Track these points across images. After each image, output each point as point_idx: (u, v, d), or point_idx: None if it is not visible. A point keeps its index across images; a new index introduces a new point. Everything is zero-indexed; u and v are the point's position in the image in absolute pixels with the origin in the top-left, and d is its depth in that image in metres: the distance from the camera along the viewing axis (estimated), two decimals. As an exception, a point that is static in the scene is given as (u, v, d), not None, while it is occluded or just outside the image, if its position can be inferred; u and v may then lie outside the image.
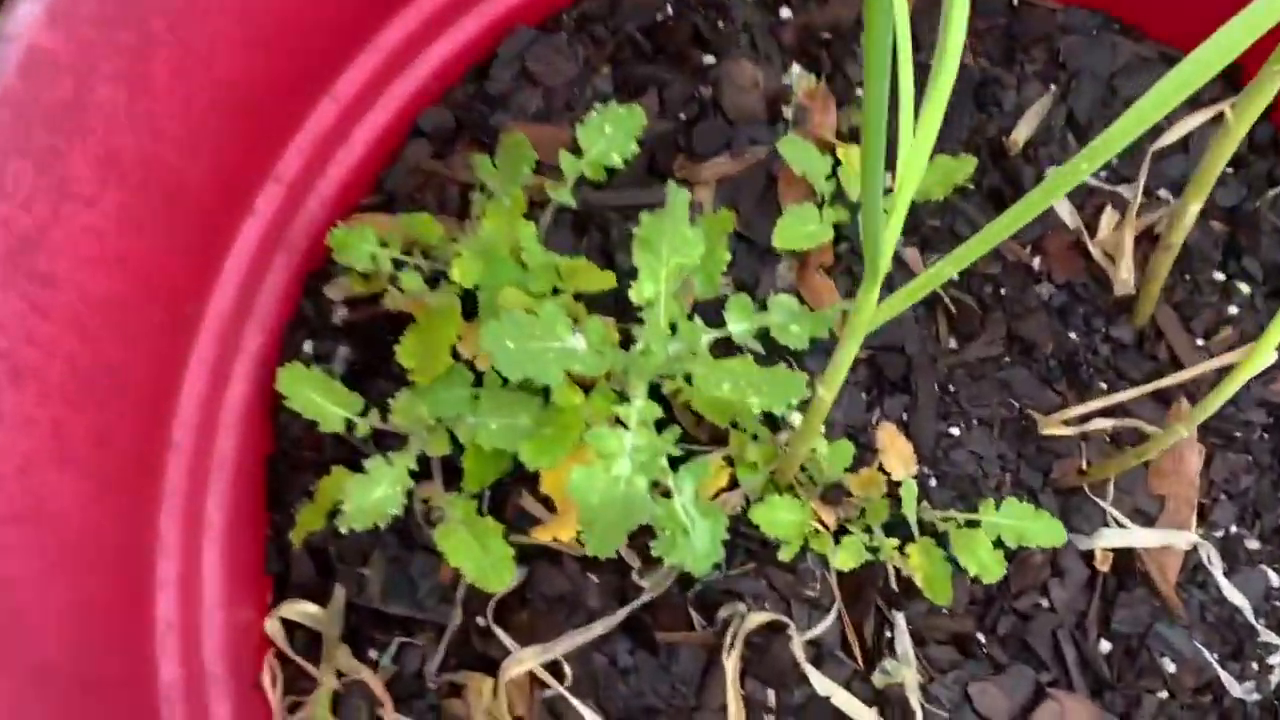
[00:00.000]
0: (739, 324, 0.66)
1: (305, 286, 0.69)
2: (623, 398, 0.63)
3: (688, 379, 0.62)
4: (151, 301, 0.56)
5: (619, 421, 0.61)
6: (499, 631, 0.69)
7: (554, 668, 0.68)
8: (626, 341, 0.65)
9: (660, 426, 0.63)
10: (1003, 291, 0.78)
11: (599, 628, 0.68)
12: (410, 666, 0.70)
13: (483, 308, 0.63)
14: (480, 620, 0.70)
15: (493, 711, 0.65)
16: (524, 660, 0.67)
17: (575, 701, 0.67)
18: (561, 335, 0.60)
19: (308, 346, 0.69)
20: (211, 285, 0.62)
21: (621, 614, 0.68)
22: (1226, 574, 0.72)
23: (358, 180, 0.69)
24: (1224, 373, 0.60)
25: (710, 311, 0.70)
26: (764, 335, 0.66)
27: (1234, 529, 0.74)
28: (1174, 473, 0.73)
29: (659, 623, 0.69)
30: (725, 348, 0.67)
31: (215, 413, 0.63)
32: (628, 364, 0.62)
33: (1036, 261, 0.79)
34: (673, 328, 0.63)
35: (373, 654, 0.71)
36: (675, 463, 0.63)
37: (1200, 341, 0.78)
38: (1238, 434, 0.76)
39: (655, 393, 0.68)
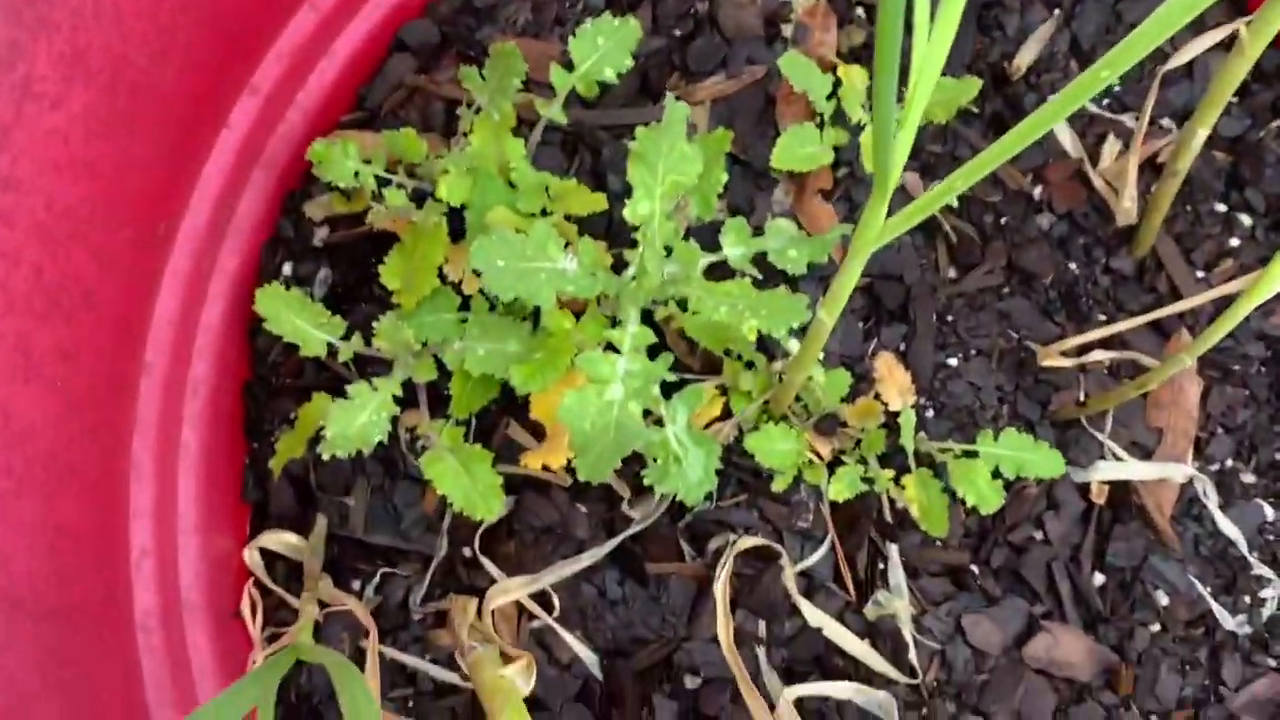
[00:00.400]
0: (736, 248, 0.63)
1: (284, 205, 0.66)
2: (615, 323, 0.61)
3: (681, 305, 0.60)
4: (121, 213, 0.53)
5: (611, 347, 0.59)
6: (485, 562, 0.67)
7: (541, 598, 0.67)
8: (619, 266, 0.63)
9: (653, 354, 0.61)
10: (1003, 220, 0.76)
11: (587, 558, 0.67)
12: (394, 598, 0.68)
13: (471, 227, 0.60)
14: (466, 551, 0.69)
15: (478, 628, 0.63)
16: (510, 590, 0.66)
17: (563, 632, 0.66)
18: (553, 256, 0.58)
19: (287, 268, 0.66)
20: (185, 200, 0.59)
21: (610, 544, 0.66)
22: (1222, 507, 0.72)
23: (338, 95, 0.66)
24: (1223, 305, 0.59)
25: (705, 236, 0.68)
26: (760, 261, 0.64)
27: (1230, 462, 0.73)
28: (1172, 405, 0.72)
29: (649, 554, 0.67)
30: (719, 273, 0.65)
31: (190, 335, 0.61)
32: (620, 288, 0.60)
33: (1038, 190, 0.77)
34: (667, 250, 0.61)
35: (355, 585, 0.69)
36: (668, 391, 0.61)
37: (1200, 273, 0.76)
38: (1236, 367, 0.75)
39: (648, 320, 0.66)
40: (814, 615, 0.66)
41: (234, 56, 0.59)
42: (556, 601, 0.67)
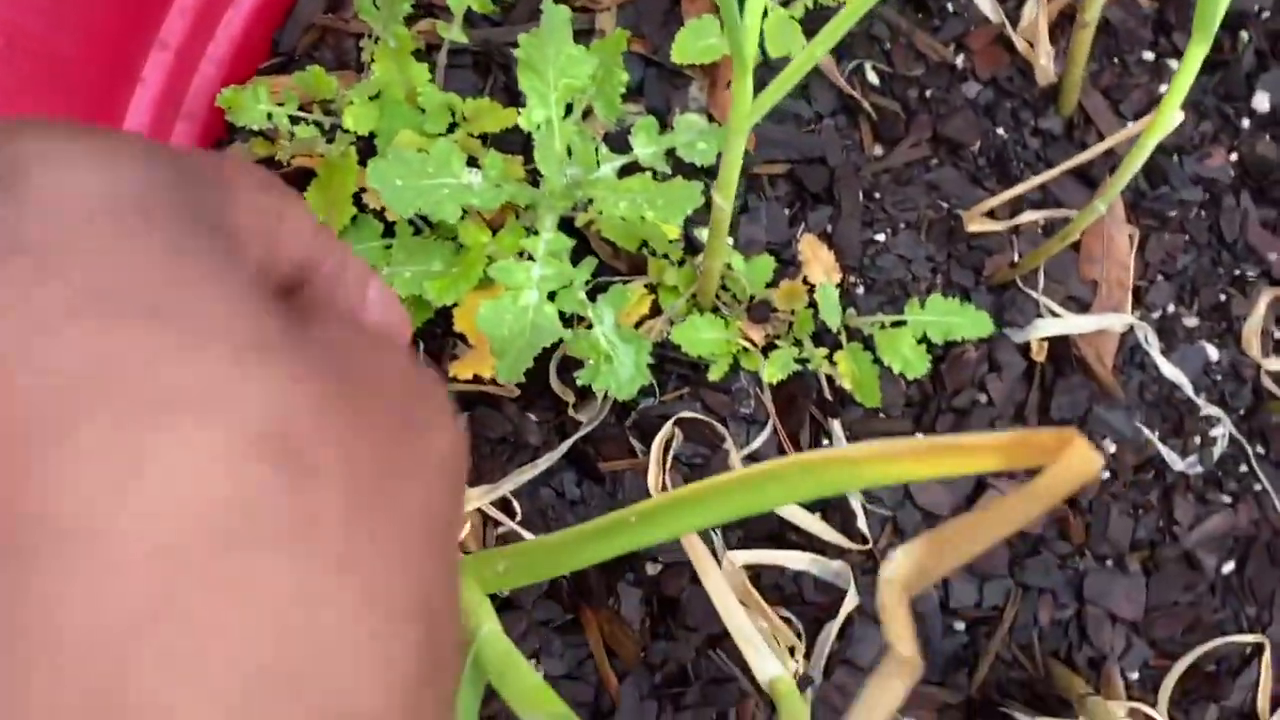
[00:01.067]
0: (646, 147, 0.65)
1: (212, 156, 0.69)
2: (532, 234, 0.63)
3: (589, 205, 0.62)
4: (41, 176, 0.56)
5: (526, 256, 0.61)
6: (446, 477, 0.70)
7: (504, 505, 0.70)
8: (535, 180, 0.65)
9: (577, 259, 0.63)
10: (927, 94, 0.77)
11: (543, 463, 0.69)
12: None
13: (381, 154, 0.62)
14: (430, 469, 0.72)
15: None
16: (472, 499, 0.69)
17: (527, 535, 0.69)
18: (456, 172, 0.60)
19: (223, 216, 0.69)
20: (107, 158, 0.62)
21: (563, 448, 0.69)
22: (1164, 352, 0.72)
23: (250, 42, 0.68)
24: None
25: (620, 140, 0.69)
26: (676, 159, 0.65)
27: (1171, 308, 0.74)
28: (1105, 256, 0.72)
29: (601, 453, 0.70)
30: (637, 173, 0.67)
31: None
32: (532, 198, 0.62)
33: (960, 60, 0.77)
34: (570, 154, 0.63)
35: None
36: (594, 295, 0.64)
37: (1131, 125, 0.76)
38: (1172, 213, 0.75)
39: (569, 227, 0.68)
40: (764, 495, 0.68)
41: (136, 12, 0.61)
42: (518, 507, 0.70)
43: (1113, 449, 0.71)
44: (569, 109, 0.65)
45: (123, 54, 0.61)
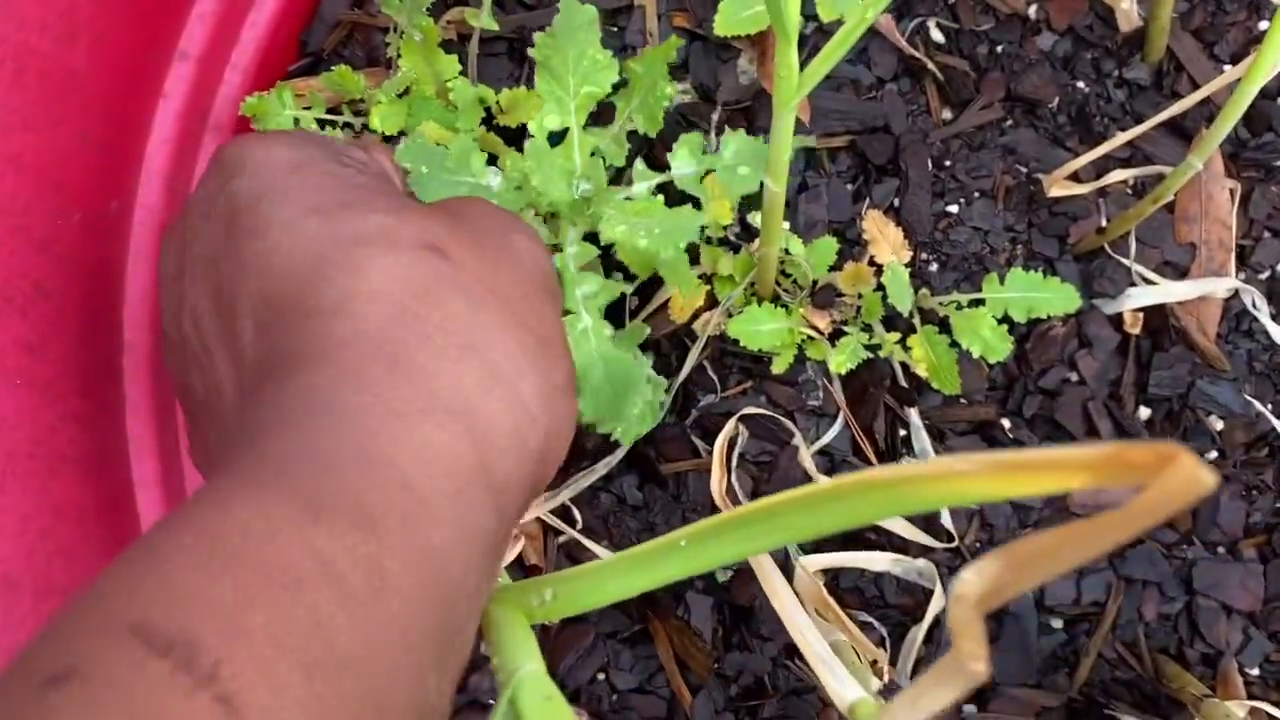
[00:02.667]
0: (685, 166, 0.61)
1: (244, 166, 0.66)
2: (556, 250, 0.60)
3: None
4: (63, 201, 0.54)
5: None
6: (503, 486, 0.67)
7: (564, 513, 0.67)
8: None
9: (608, 273, 0.60)
10: (998, 50, 0.71)
11: (601, 468, 0.66)
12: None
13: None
14: (486, 478, 0.69)
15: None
16: (530, 509, 0.66)
17: (589, 543, 0.66)
18: (475, 171, 0.56)
19: (259, 227, 0.67)
20: (133, 177, 0.59)
21: (621, 451, 0.66)
22: (1275, 317, 0.66)
23: (276, 44, 0.66)
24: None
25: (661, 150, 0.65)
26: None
27: (1281, 268, 0.67)
28: (1203, 215, 0.66)
29: (662, 455, 0.66)
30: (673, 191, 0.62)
31: (169, 307, 0.62)
32: (553, 207, 0.58)
33: (1033, 10, 0.71)
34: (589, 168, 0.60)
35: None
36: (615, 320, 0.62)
37: (1229, 69, 0.69)
38: (1279, 163, 0.68)
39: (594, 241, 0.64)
40: (838, 493, 0.64)
41: (153, 25, 0.59)
42: (578, 515, 0.66)
43: (1220, 426, 0.65)
44: (601, 117, 0.61)
45: (141, 67, 0.58)
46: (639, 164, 0.62)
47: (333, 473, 0.30)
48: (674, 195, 0.61)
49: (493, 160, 0.57)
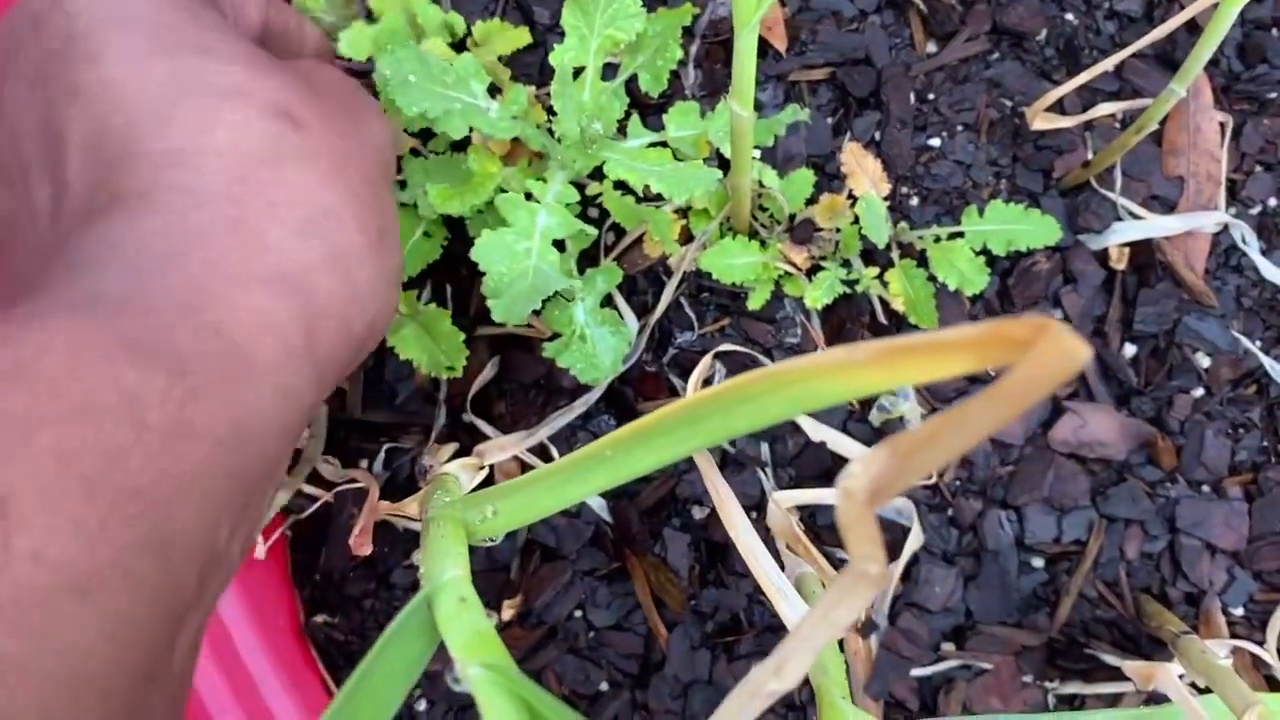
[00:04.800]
0: (680, 129, 0.61)
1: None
2: (541, 181, 0.59)
3: (602, 177, 0.58)
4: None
5: (532, 199, 0.57)
6: (480, 423, 0.67)
7: (541, 452, 0.66)
8: (553, 133, 0.60)
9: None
10: (985, -19, 0.69)
11: (579, 406, 0.65)
12: (402, 471, 0.69)
13: (380, 79, 0.58)
14: (465, 417, 0.69)
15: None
16: (506, 445, 0.65)
17: (566, 482, 0.66)
18: (474, 93, 0.56)
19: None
20: None
21: (598, 391, 0.65)
22: (1265, 252, 0.65)
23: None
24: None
25: (655, 111, 0.65)
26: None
27: (1273, 202, 0.66)
28: (1191, 148, 0.65)
29: (639, 393, 0.66)
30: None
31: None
32: (545, 145, 0.58)
33: (1023, -60, 0.70)
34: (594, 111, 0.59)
35: (363, 464, 0.70)
36: (585, 265, 0.61)
37: (1223, -3, 0.68)
38: (1272, 95, 0.66)
39: (581, 194, 0.63)
40: (815, 429, 0.63)
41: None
42: (556, 453, 0.66)
43: (1207, 363, 0.64)
44: (611, 70, 0.60)
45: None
46: (635, 120, 0.61)
47: (159, 319, 0.31)
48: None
49: (492, 92, 0.57)
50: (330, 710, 0.34)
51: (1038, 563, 0.63)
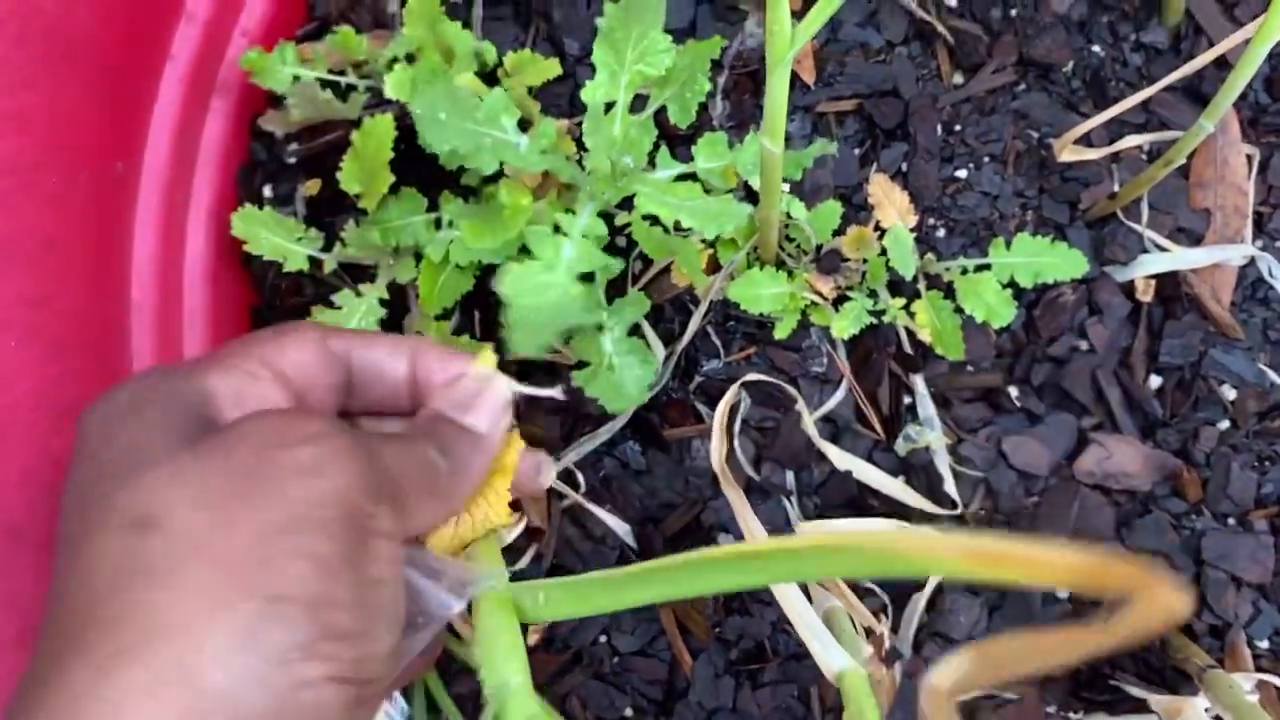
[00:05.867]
0: (708, 161, 0.61)
1: (252, 130, 0.67)
2: (570, 214, 0.60)
3: (631, 208, 0.59)
4: (70, 161, 0.55)
5: (560, 231, 0.57)
6: (507, 449, 0.67)
7: (567, 477, 0.67)
8: (583, 165, 0.61)
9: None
10: (1012, 13, 0.70)
11: (605, 432, 0.66)
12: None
13: (417, 118, 0.59)
14: (492, 442, 0.69)
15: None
16: (534, 473, 0.66)
17: (592, 507, 0.66)
18: (504, 127, 0.56)
19: (267, 190, 0.67)
20: (140, 138, 0.60)
21: (624, 417, 0.66)
22: (1291, 285, 0.65)
23: (284, 8, 0.66)
24: None
25: (684, 142, 0.66)
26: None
27: (1300, 235, 0.66)
28: (1218, 181, 0.65)
29: (666, 419, 0.66)
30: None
31: (176, 270, 0.62)
32: (574, 177, 0.58)
33: (1050, -28, 0.70)
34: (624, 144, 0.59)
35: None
36: (614, 296, 0.62)
37: (1248, 27, 0.68)
38: (1299, 128, 0.67)
39: (609, 224, 0.64)
40: (841, 458, 0.63)
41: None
42: (582, 479, 0.67)
43: (1232, 395, 0.64)
44: (640, 102, 0.61)
45: (146, 29, 0.59)
46: (664, 152, 0.62)
47: None
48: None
49: (522, 127, 0.57)
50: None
51: (1062, 594, 0.63)
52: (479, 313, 0.68)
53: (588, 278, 0.59)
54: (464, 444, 0.42)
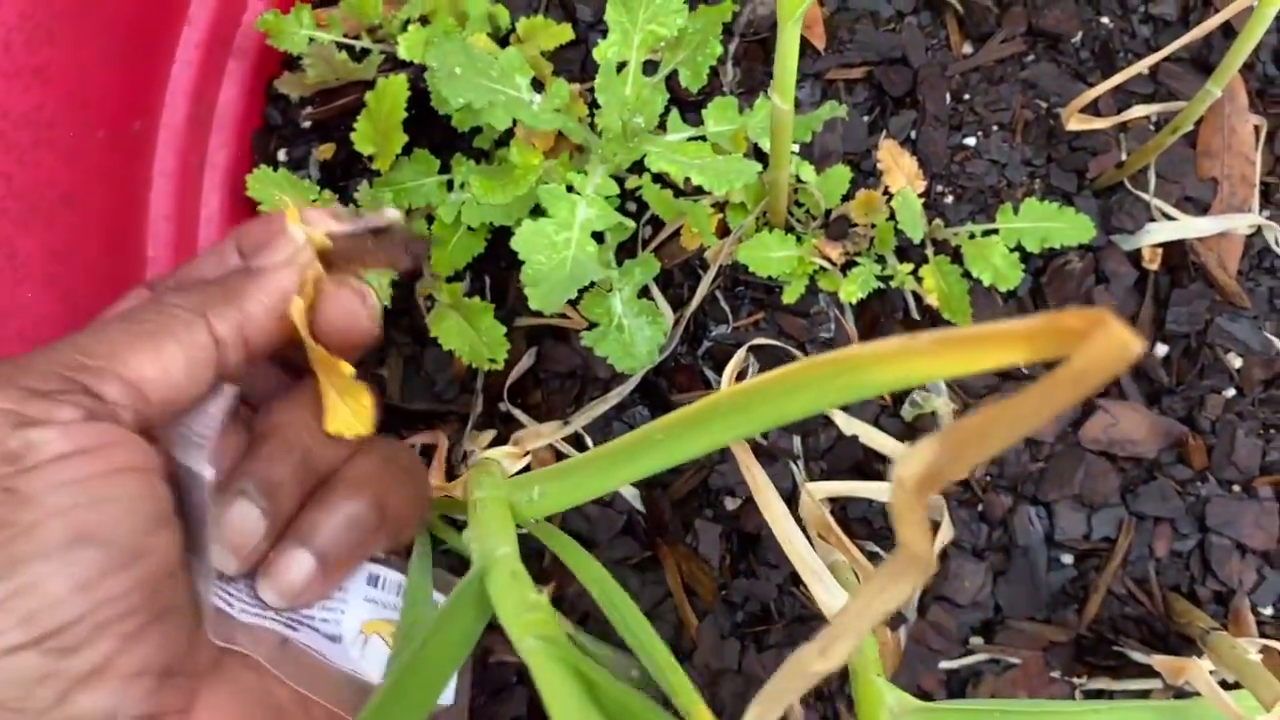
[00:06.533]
0: (719, 124, 0.62)
1: (268, 93, 0.67)
2: (582, 174, 0.60)
3: (642, 172, 0.60)
4: (88, 115, 0.56)
5: (572, 190, 0.58)
6: (517, 412, 0.68)
7: (576, 441, 0.68)
8: (594, 127, 0.62)
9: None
10: (1021, -15, 0.70)
11: (613, 397, 0.67)
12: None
13: (430, 75, 0.60)
14: (502, 406, 0.70)
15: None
16: (543, 434, 0.66)
17: (600, 472, 0.67)
18: (517, 85, 0.57)
19: (281, 154, 0.68)
20: (158, 98, 0.61)
21: (633, 381, 0.66)
22: (1298, 255, 0.65)
23: (300, -27, 0.67)
24: None
25: (694, 108, 0.66)
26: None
27: (1307, 205, 0.66)
28: (1225, 150, 0.65)
29: (674, 384, 0.67)
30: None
31: (191, 229, 0.63)
32: (586, 139, 0.59)
33: (1060, -55, 0.71)
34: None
35: (401, 451, 0.71)
36: (623, 259, 0.62)
37: (1258, 2, 0.68)
38: (1308, 99, 0.67)
39: (620, 187, 0.65)
40: (847, 423, 0.64)
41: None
42: (590, 443, 0.67)
43: (1238, 363, 0.64)
44: (652, 67, 0.62)
45: (165, -10, 0.60)
46: (674, 115, 0.62)
47: None
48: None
49: (536, 87, 0.58)
50: (385, 684, 0.35)
51: (1067, 559, 0.64)
52: (489, 277, 0.69)
53: (599, 237, 0.59)
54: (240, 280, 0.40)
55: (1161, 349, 0.65)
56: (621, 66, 0.60)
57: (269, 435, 0.40)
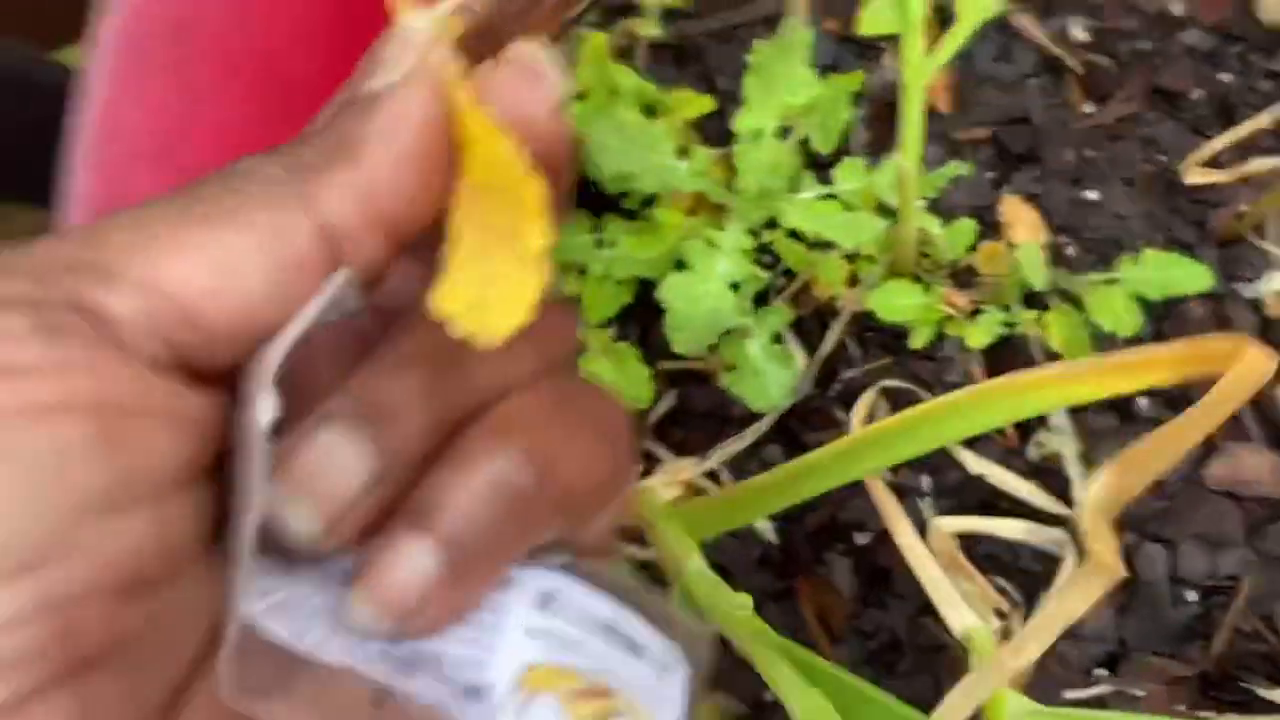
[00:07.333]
0: (847, 183, 0.67)
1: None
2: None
3: (774, 223, 0.65)
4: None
5: (712, 245, 0.64)
6: (660, 450, 0.74)
7: (712, 477, 0.72)
8: (730, 188, 0.68)
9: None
10: (1141, 46, 0.73)
11: (749, 436, 0.71)
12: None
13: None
14: (645, 444, 0.75)
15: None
16: (683, 469, 0.72)
17: (738, 506, 0.71)
18: (664, 153, 0.64)
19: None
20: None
21: (768, 420, 0.71)
22: None
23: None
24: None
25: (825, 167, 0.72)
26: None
27: None
28: (1348, 199, 0.67)
29: (807, 424, 0.71)
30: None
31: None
32: (724, 198, 0.65)
33: (1179, 7, 0.74)
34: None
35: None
36: (759, 306, 0.68)
37: (1380, 56, 0.70)
38: None
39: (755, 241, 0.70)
40: (974, 462, 0.67)
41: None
42: (726, 479, 0.72)
43: (1365, 408, 0.66)
44: (786, 132, 0.67)
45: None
46: (807, 175, 0.68)
47: None
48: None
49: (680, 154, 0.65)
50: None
51: (1191, 596, 0.66)
52: (636, 325, 0.75)
53: (735, 288, 0.65)
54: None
55: (1284, 392, 0.67)
56: (758, 134, 0.65)
57: (387, 343, 0.26)
